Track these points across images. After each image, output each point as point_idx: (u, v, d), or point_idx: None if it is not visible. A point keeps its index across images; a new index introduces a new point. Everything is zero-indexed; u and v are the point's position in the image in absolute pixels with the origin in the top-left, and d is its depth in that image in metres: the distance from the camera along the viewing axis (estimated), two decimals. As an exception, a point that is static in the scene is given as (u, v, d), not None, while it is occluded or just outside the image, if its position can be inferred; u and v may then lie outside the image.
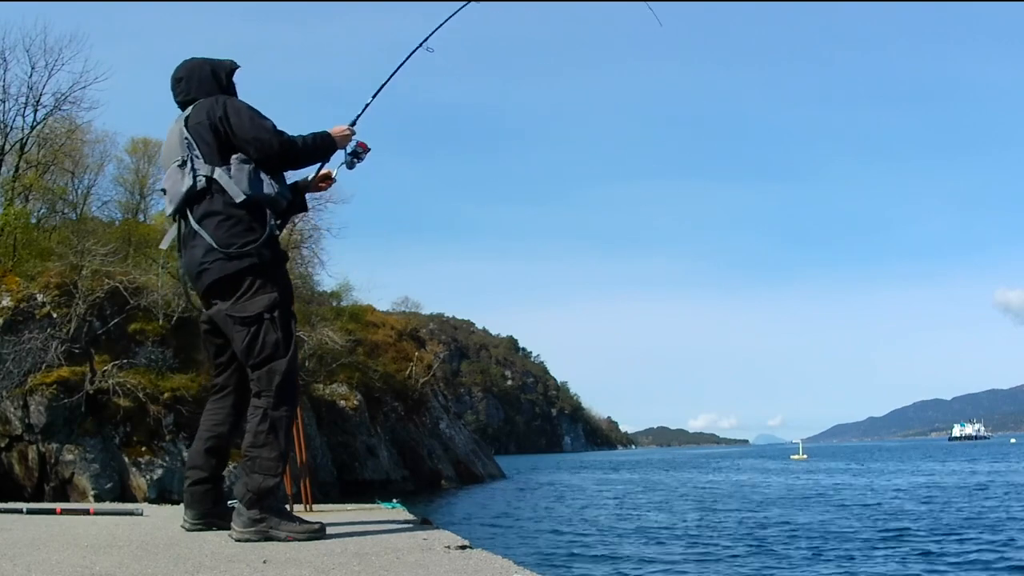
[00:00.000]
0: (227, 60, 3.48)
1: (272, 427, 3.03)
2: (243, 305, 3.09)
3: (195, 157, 3.17)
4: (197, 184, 3.14)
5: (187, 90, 3.36)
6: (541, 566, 11.30)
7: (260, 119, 3.21)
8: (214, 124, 3.17)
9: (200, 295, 3.28)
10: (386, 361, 36.46)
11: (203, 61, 3.42)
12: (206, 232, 3.12)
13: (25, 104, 24.62)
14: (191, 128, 3.21)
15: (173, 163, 3.24)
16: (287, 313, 3.17)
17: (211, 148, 3.17)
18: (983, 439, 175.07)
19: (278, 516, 2.98)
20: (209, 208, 3.14)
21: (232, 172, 3.14)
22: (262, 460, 2.98)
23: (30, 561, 2.51)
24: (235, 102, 3.28)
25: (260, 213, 3.16)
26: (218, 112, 3.19)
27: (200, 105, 3.26)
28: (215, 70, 3.40)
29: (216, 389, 3.37)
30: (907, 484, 28.23)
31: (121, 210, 31.60)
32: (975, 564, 11.14)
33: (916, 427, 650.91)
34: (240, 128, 3.17)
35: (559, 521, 18.49)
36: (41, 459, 19.53)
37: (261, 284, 3.11)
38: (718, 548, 13.06)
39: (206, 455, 3.28)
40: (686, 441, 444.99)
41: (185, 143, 3.20)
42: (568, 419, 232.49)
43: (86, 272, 21.44)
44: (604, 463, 73.80)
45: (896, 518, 16.78)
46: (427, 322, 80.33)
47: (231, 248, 3.08)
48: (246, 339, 3.07)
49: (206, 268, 3.13)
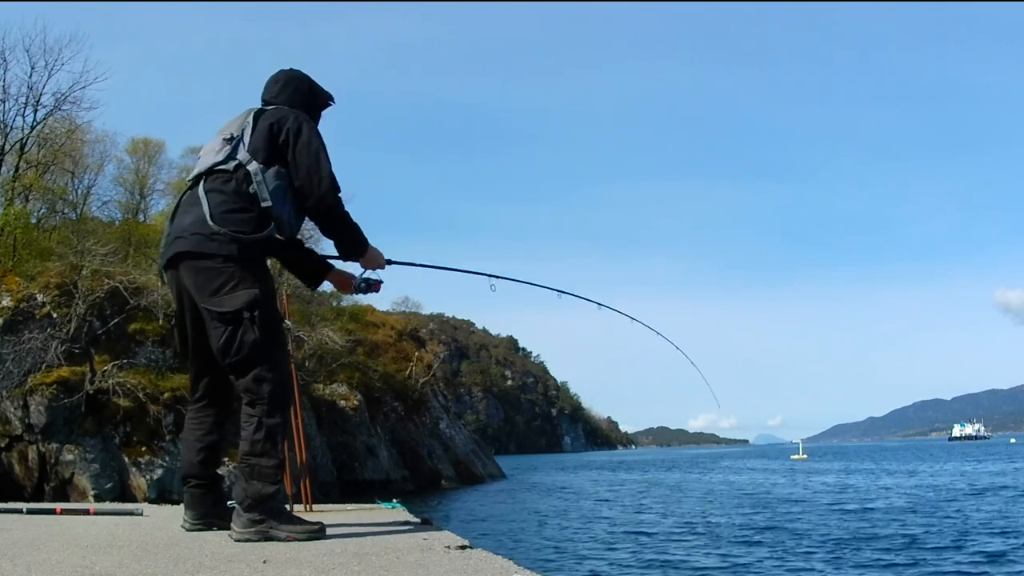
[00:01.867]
0: (328, 92, 3.44)
1: (268, 435, 2.96)
2: (221, 300, 2.97)
3: (243, 142, 3.11)
4: (229, 163, 3.08)
5: (276, 93, 3.32)
6: (541, 566, 11.30)
7: (326, 157, 3.14)
8: (280, 130, 3.11)
9: (162, 264, 3.20)
10: (386, 361, 36.46)
11: (308, 79, 3.39)
12: (207, 203, 3.03)
13: (25, 104, 24.65)
14: (259, 121, 3.15)
15: (221, 136, 3.18)
16: (270, 313, 3.05)
17: (261, 146, 3.10)
18: (983, 439, 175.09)
19: (278, 517, 2.95)
20: (223, 187, 3.07)
21: (269, 175, 3.07)
22: (261, 468, 2.94)
23: (30, 561, 2.51)
24: (313, 127, 3.20)
25: (267, 222, 3.07)
26: (291, 124, 3.12)
27: (280, 110, 3.21)
28: (312, 91, 3.37)
29: (197, 397, 3.31)
30: (908, 484, 28.22)
31: (121, 210, 31.65)
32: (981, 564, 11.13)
33: (916, 427, 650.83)
34: (303, 150, 3.09)
35: (559, 521, 18.48)
36: (41, 459, 19.52)
37: (242, 279, 2.99)
38: (721, 548, 13.06)
39: (201, 465, 3.25)
40: (686, 441, 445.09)
41: (244, 127, 3.15)
42: (568, 419, 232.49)
43: (86, 272, 21.43)
44: (604, 463, 73.80)
45: (898, 518, 16.78)
46: (427, 322, 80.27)
47: (222, 229, 2.98)
48: (223, 336, 2.97)
49: (183, 237, 3.05)
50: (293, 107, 3.25)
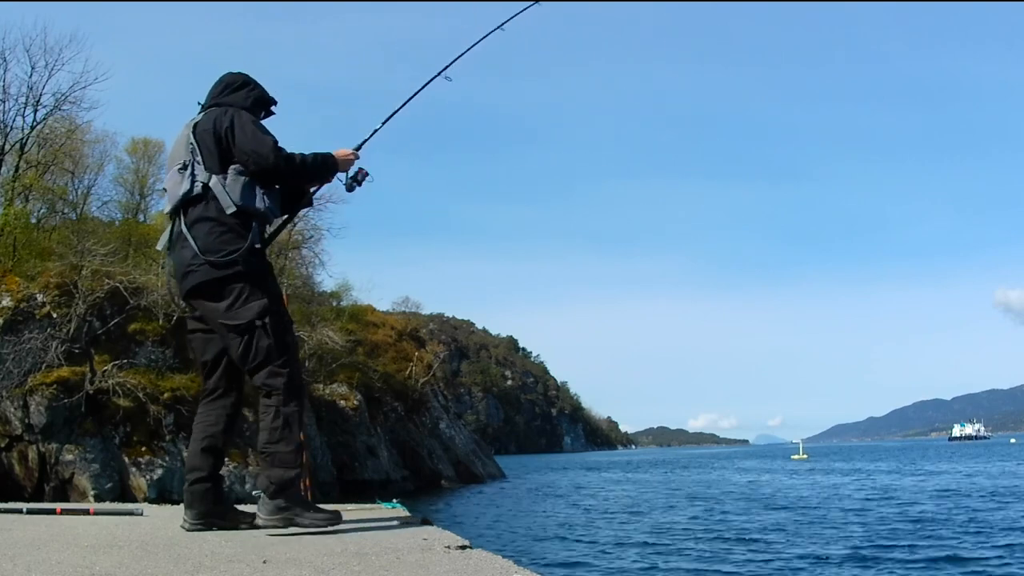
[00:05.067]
0: (270, 95, 3.54)
1: (286, 422, 3.17)
2: (235, 313, 3.20)
3: (196, 163, 3.27)
4: (194, 189, 3.24)
5: (213, 94, 3.46)
6: (541, 566, 11.30)
7: (262, 134, 3.28)
8: (219, 133, 3.26)
9: (183, 296, 3.42)
10: (386, 361, 36.48)
11: (246, 79, 3.51)
12: (193, 238, 3.23)
13: (25, 104, 24.68)
14: (198, 134, 3.31)
15: (175, 166, 3.34)
16: (280, 317, 3.28)
17: (213, 156, 3.26)
18: (983, 439, 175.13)
19: (301, 505, 3.16)
20: (203, 214, 3.24)
21: (227, 182, 3.23)
22: (280, 454, 3.15)
23: (30, 561, 2.51)
24: (242, 115, 3.33)
25: (248, 224, 3.24)
26: (224, 123, 3.27)
27: (211, 113, 3.35)
28: (247, 87, 3.48)
29: (207, 392, 3.48)
30: (910, 484, 28.23)
31: (121, 210, 31.64)
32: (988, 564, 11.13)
33: (916, 427, 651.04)
34: (242, 140, 3.25)
35: (559, 521, 18.48)
36: (41, 459, 19.52)
37: (251, 292, 3.21)
38: (724, 548, 13.05)
39: (203, 455, 3.38)
40: (686, 441, 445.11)
41: (190, 148, 3.30)
42: (568, 419, 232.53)
43: (86, 272, 21.43)
44: (604, 463, 73.80)
45: (900, 519, 16.78)
46: (427, 322, 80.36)
47: (216, 255, 3.19)
48: (241, 346, 3.21)
49: (192, 271, 3.25)
50: (226, 106, 3.37)
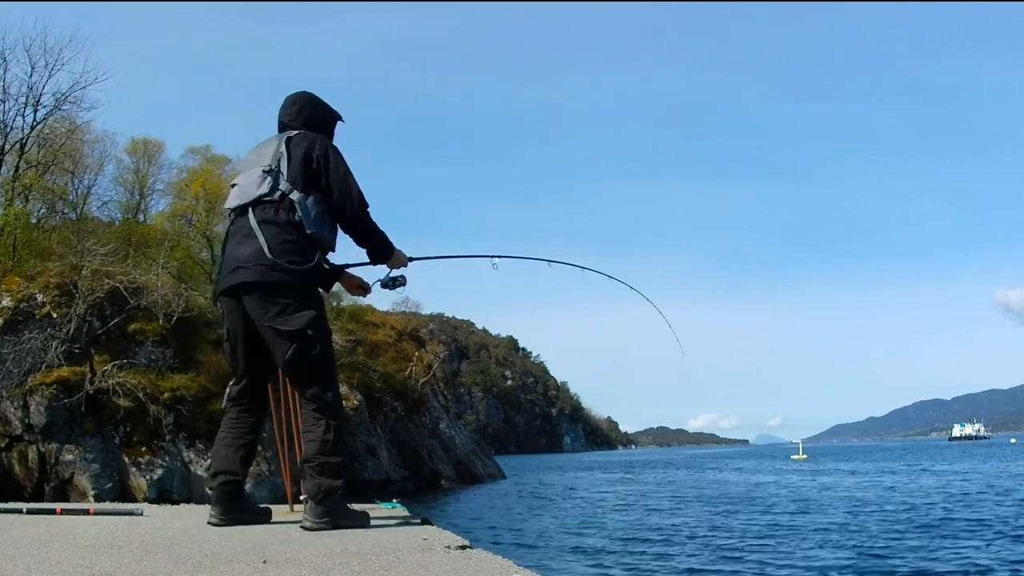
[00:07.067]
0: (336, 111, 3.78)
1: (337, 436, 3.37)
2: (287, 319, 3.32)
3: (281, 172, 3.41)
4: (274, 194, 3.39)
5: (295, 117, 3.65)
6: (541, 566, 11.30)
7: (353, 178, 3.51)
8: (312, 157, 3.43)
9: (228, 289, 3.46)
10: (386, 361, 36.45)
11: (320, 101, 3.73)
12: (263, 236, 3.34)
13: (25, 104, 24.64)
14: (291, 148, 3.46)
15: (259, 166, 3.46)
16: (325, 331, 3.43)
17: (299, 174, 3.41)
18: (983, 439, 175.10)
19: (342, 508, 3.39)
20: (274, 218, 3.37)
21: (309, 203, 3.40)
22: (331, 465, 3.33)
23: (30, 561, 2.51)
24: (338, 151, 3.54)
25: (313, 248, 3.39)
26: (319, 152, 3.45)
27: (306, 136, 3.52)
28: (326, 115, 3.72)
29: (238, 398, 3.61)
30: (910, 484, 28.23)
31: (121, 210, 31.62)
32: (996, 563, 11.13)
33: (916, 427, 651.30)
34: (335, 175, 3.44)
35: (560, 521, 18.48)
36: (41, 459, 19.52)
37: (302, 302, 3.35)
38: (723, 548, 13.04)
39: (241, 463, 3.55)
40: (686, 441, 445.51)
41: (279, 157, 3.44)
42: (568, 419, 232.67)
43: (86, 272, 21.43)
44: (604, 463, 73.80)
45: (900, 519, 16.78)
46: (427, 322, 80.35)
47: (280, 260, 3.30)
48: (289, 351, 3.32)
49: (248, 267, 3.36)
50: (313, 129, 3.60)
